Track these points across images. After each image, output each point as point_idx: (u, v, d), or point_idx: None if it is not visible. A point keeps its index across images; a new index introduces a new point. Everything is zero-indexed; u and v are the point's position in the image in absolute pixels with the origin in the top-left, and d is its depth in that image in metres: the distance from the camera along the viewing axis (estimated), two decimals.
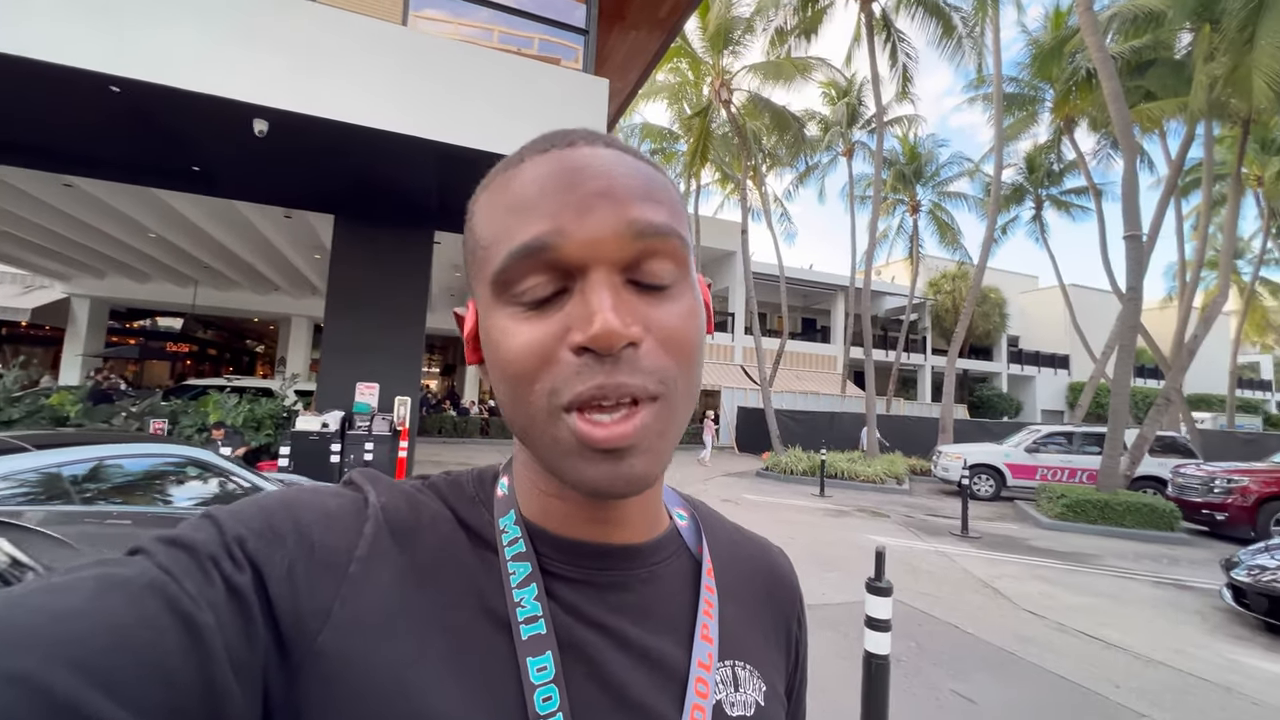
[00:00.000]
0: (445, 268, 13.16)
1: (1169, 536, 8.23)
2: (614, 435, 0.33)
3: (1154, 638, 4.41)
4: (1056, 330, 30.64)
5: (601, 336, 0.32)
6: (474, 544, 0.39)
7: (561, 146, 0.36)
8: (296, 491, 0.37)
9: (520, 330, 0.34)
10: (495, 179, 0.38)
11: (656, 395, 0.34)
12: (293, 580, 0.32)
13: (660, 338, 0.35)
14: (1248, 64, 9.03)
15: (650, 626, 0.40)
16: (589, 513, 0.40)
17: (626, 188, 0.35)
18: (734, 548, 0.50)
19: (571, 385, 0.33)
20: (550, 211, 0.34)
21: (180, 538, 0.31)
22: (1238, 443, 16.33)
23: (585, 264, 0.33)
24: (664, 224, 0.35)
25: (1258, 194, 19.57)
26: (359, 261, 7.48)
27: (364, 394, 7.29)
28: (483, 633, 0.35)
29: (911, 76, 15.13)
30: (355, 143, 5.66)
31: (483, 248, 0.36)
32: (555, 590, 0.38)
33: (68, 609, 0.25)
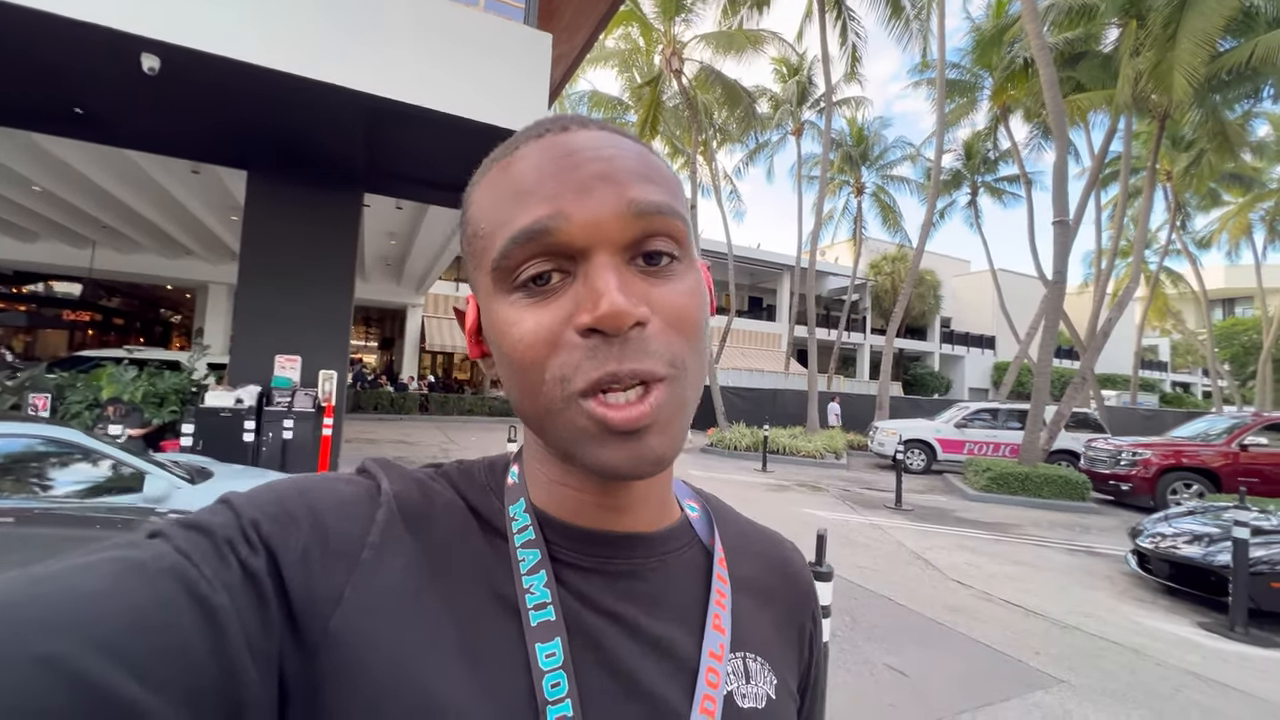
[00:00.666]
0: (379, 235, 12.38)
1: (1081, 506, 8.80)
2: (631, 416, 0.33)
3: (1068, 603, 4.64)
4: (985, 313, 32.33)
5: (609, 316, 0.32)
6: (485, 531, 0.39)
7: (555, 131, 0.37)
8: (311, 478, 0.38)
9: (525, 317, 0.34)
10: (490, 168, 0.38)
11: (666, 377, 0.34)
12: (306, 564, 0.32)
13: (666, 317, 0.35)
14: (1170, 60, 9.50)
15: (661, 615, 0.40)
16: (599, 499, 0.40)
17: (624, 168, 0.35)
18: (745, 540, 0.49)
19: (584, 370, 0.33)
20: (549, 195, 0.34)
21: (197, 521, 0.32)
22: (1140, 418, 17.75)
23: (587, 246, 0.34)
24: (664, 203, 0.35)
25: (1166, 188, 21.00)
26: (276, 222, 6.85)
27: (284, 367, 6.75)
28: (493, 619, 0.35)
29: (860, 56, 15.21)
30: (264, 88, 5.08)
31: (481, 236, 0.36)
32: (565, 578, 0.38)
33: (93, 590, 0.25)
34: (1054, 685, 3.26)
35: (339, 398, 6.92)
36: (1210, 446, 8.78)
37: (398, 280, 18.06)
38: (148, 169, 8.43)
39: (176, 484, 3.03)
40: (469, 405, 17.83)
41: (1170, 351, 39.45)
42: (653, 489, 0.42)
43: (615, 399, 0.33)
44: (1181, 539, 5.09)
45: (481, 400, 18.12)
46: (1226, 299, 40.42)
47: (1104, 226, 21.33)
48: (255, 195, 6.88)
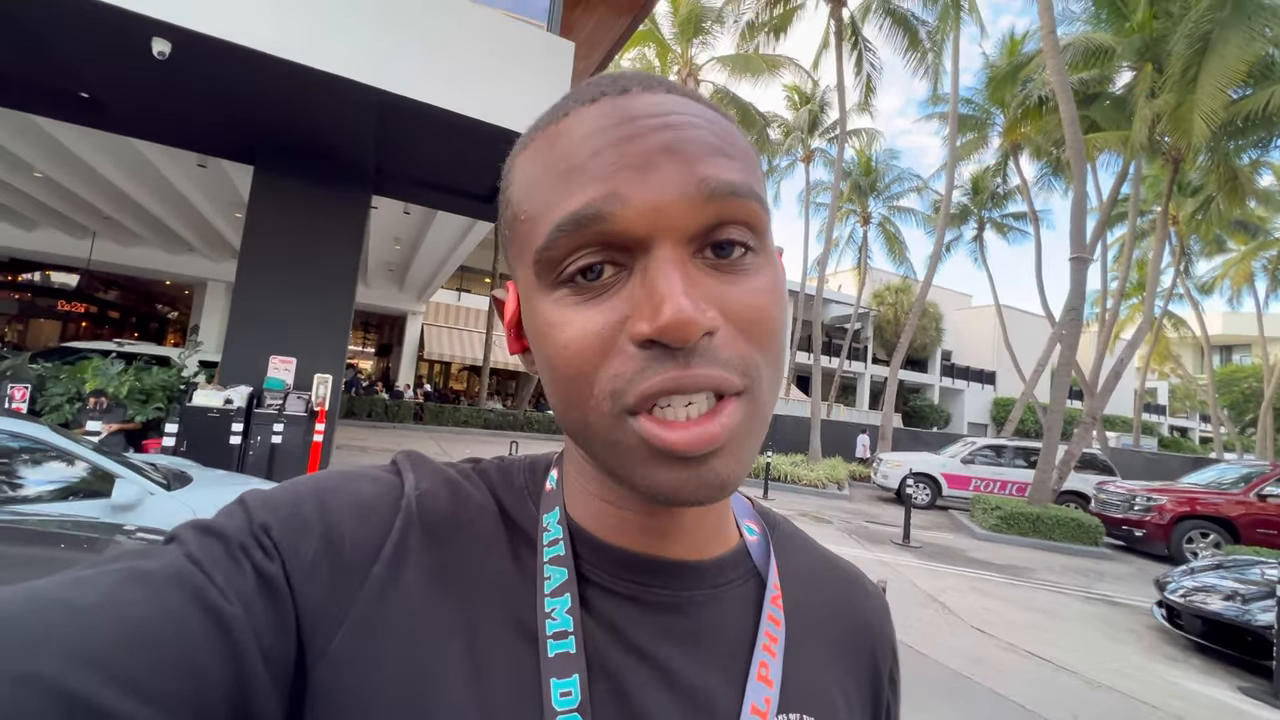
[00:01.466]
0: (384, 239, 12.21)
1: (1093, 551, 8.53)
2: (696, 439, 0.28)
3: (1097, 658, 4.36)
4: (985, 348, 32.25)
5: (673, 327, 0.27)
6: (514, 542, 0.35)
7: (614, 94, 0.31)
8: (334, 476, 0.35)
9: (572, 319, 0.30)
10: (535, 136, 0.33)
11: (741, 389, 0.29)
12: (315, 576, 0.30)
13: (739, 323, 0.30)
14: (1189, 103, 9.48)
15: (701, 659, 0.34)
16: (644, 520, 0.35)
17: (695, 139, 0.30)
18: (814, 573, 0.42)
19: (636, 383, 0.28)
20: (603, 173, 0.29)
21: (212, 525, 0.30)
22: (1144, 461, 17.53)
23: (648, 236, 0.28)
24: (741, 183, 0.30)
25: (1171, 232, 21.08)
26: (279, 220, 6.64)
27: (278, 369, 6.48)
28: (509, 645, 0.32)
29: (874, 87, 15.29)
30: (276, 79, 4.91)
31: (522, 220, 0.31)
32: (596, 603, 0.34)
33: (89, 603, 0.24)
34: None
35: (332, 403, 6.65)
36: (1226, 495, 8.54)
37: (400, 286, 17.87)
38: (153, 160, 8.25)
39: (150, 489, 2.76)
40: (464, 417, 17.50)
41: (1169, 395, 39.40)
42: (709, 512, 0.37)
43: (674, 414, 0.28)
44: (1214, 595, 4.83)
45: (477, 412, 17.79)
46: (1225, 345, 40.53)
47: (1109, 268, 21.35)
48: (260, 191, 6.68)
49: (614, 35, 8.80)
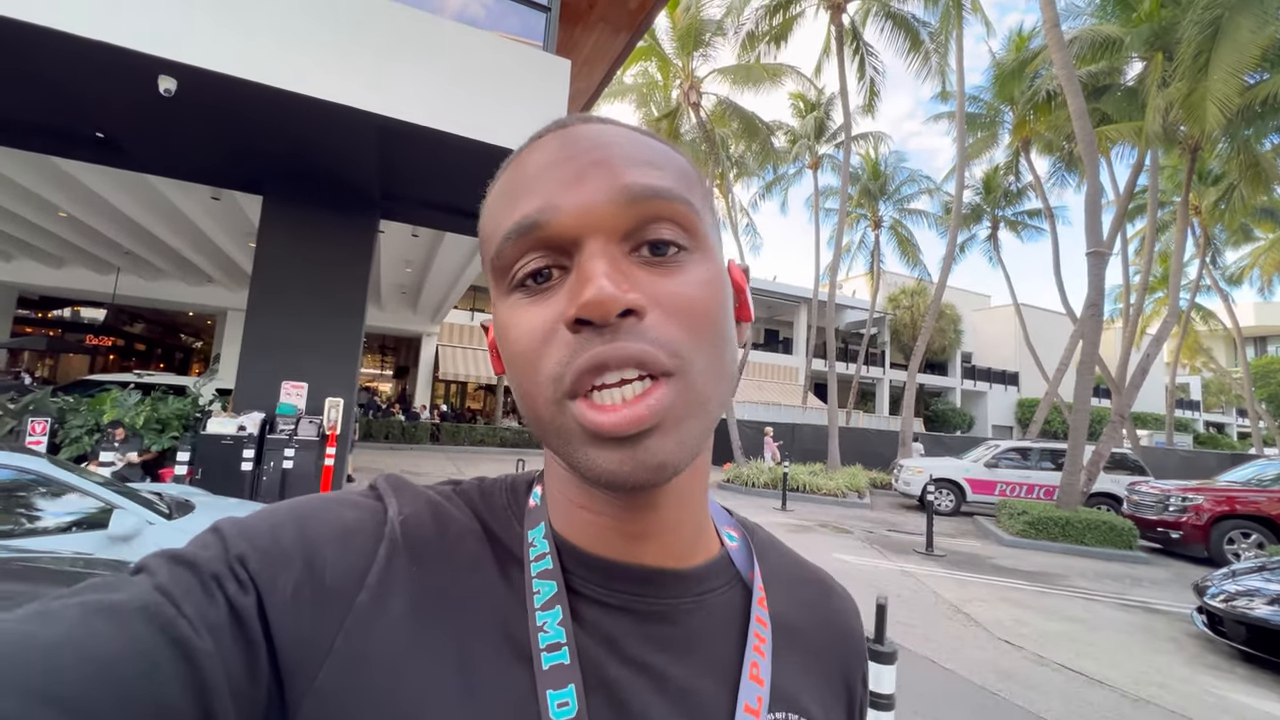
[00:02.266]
0: (395, 263, 12.39)
1: (1127, 555, 8.19)
2: (624, 419, 0.29)
3: (1135, 670, 4.15)
4: (1006, 348, 31.62)
5: (593, 303, 0.29)
6: (500, 561, 0.36)
7: (556, 129, 0.35)
8: (313, 502, 0.35)
9: (522, 318, 0.32)
10: (500, 174, 0.37)
11: (671, 370, 0.31)
12: (296, 608, 0.30)
13: (670, 309, 0.31)
14: (1201, 90, 9.25)
15: (693, 666, 0.35)
16: (619, 525, 0.36)
17: (622, 155, 0.33)
18: (791, 579, 0.44)
19: (571, 364, 0.30)
20: (542, 189, 0.32)
21: (184, 554, 0.29)
22: (1179, 459, 16.92)
23: (579, 236, 0.31)
24: (663, 186, 0.32)
25: (1193, 223, 20.54)
26: (289, 247, 6.75)
27: (290, 394, 6.55)
28: (502, 663, 0.32)
29: (878, 91, 15.22)
30: (277, 110, 5.02)
31: (484, 240, 0.35)
32: (587, 616, 0.35)
33: (51, 639, 0.23)
34: None
35: (344, 426, 6.68)
36: (1268, 492, 8.16)
37: (413, 309, 18.09)
38: (168, 194, 8.48)
39: (150, 519, 2.76)
40: (480, 435, 17.57)
41: (1202, 390, 38.17)
42: (682, 514, 0.37)
43: (608, 397, 0.30)
44: (1258, 599, 4.58)
45: (493, 431, 17.85)
46: (1258, 337, 39.23)
47: (1130, 261, 20.84)
48: (269, 220, 6.82)
49: (614, 52, 8.87)
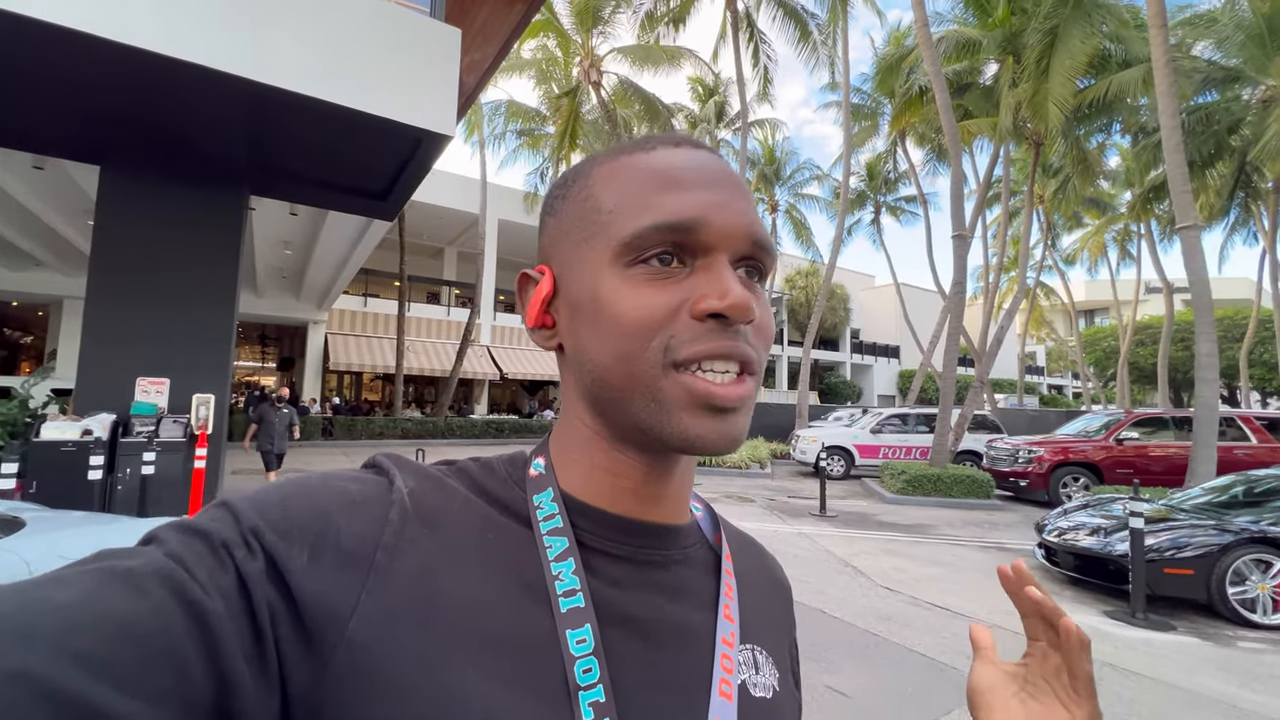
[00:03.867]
0: (272, 243, 11.31)
1: (986, 503, 9.31)
2: (732, 394, 0.36)
3: (990, 603, 4.75)
4: (889, 324, 34.48)
5: (738, 307, 0.35)
6: (509, 521, 0.39)
7: (689, 146, 0.41)
8: (317, 478, 0.37)
9: (643, 291, 0.37)
10: (621, 157, 0.41)
11: (755, 371, 0.38)
12: (316, 571, 0.31)
13: (758, 325, 0.38)
14: (1044, 90, 10.48)
15: (683, 605, 0.41)
16: (639, 488, 0.41)
17: (745, 195, 0.40)
18: (739, 543, 0.52)
19: (691, 344, 0.36)
20: (696, 197, 0.37)
21: (194, 524, 0.31)
22: (1027, 418, 19.34)
23: (716, 247, 0.37)
24: (767, 239, 0.40)
25: (1038, 210, 23.35)
26: (137, 226, 5.94)
27: (147, 391, 5.82)
28: (521, 608, 0.35)
29: (772, 78, 15.82)
30: (119, 69, 4.36)
31: (606, 212, 0.39)
32: (596, 565, 0.39)
33: (71, 601, 0.25)
34: None
35: (217, 424, 6.06)
36: (1091, 442, 9.59)
37: (297, 294, 16.65)
38: None
39: None
40: (379, 428, 16.60)
41: (1046, 357, 43.82)
42: (685, 482, 0.44)
43: (715, 377, 0.36)
44: (1081, 531, 5.38)
45: (393, 423, 16.93)
46: (1088, 310, 45.59)
47: (989, 244, 23.36)
48: (110, 194, 5.95)
49: (510, 24, 8.51)
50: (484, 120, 18.39)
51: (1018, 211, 21.83)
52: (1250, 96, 14.15)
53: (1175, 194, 7.62)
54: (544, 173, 19.04)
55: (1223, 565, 4.49)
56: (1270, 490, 5.36)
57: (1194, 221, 7.48)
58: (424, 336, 20.27)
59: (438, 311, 21.14)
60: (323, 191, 7.33)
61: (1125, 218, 24.79)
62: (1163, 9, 7.62)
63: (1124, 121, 15.49)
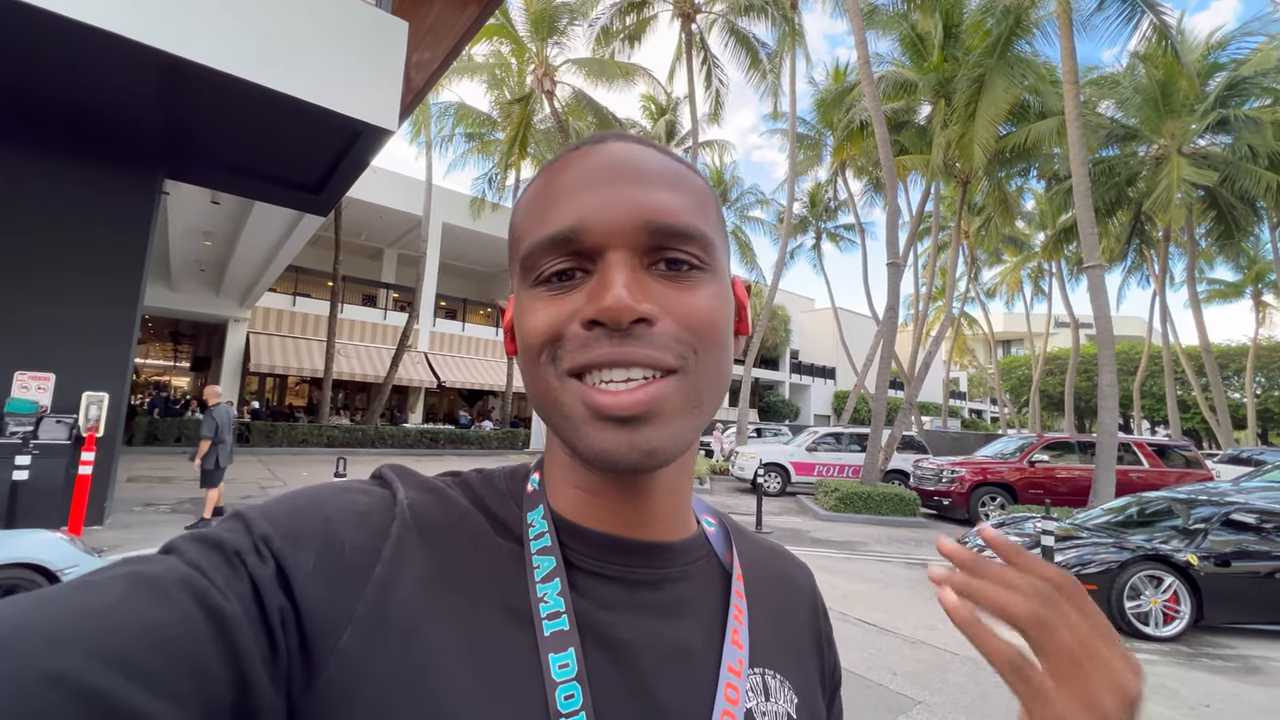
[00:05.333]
0: (190, 233, 10.53)
1: (912, 521, 9.68)
2: (624, 402, 0.33)
3: (914, 617, 4.89)
4: (827, 346, 35.80)
5: (610, 309, 0.33)
6: (502, 539, 0.39)
7: (593, 144, 0.39)
8: (324, 489, 0.37)
9: (543, 308, 0.36)
10: (537, 178, 0.40)
11: (675, 368, 0.34)
12: (318, 580, 0.32)
13: (679, 319, 0.35)
14: (970, 133, 11.23)
15: (680, 628, 0.39)
16: (615, 506, 0.40)
17: (650, 179, 0.36)
18: (760, 558, 0.49)
19: (575, 353, 0.34)
20: (576, 203, 0.35)
21: (209, 535, 0.32)
22: (950, 440, 20.43)
23: (603, 247, 0.35)
24: (681, 223, 0.36)
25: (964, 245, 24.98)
26: (23, 205, 5.36)
27: (27, 387, 5.21)
28: (506, 630, 0.35)
29: (723, 101, 16.25)
30: (9, 28, 3.92)
31: (517, 236, 0.39)
32: (584, 586, 0.38)
33: (101, 606, 0.25)
34: (913, 707, 3.28)
35: (110, 426, 5.49)
36: (1007, 464, 10.18)
37: (216, 290, 15.58)
38: None
39: None
40: (303, 435, 15.58)
41: (967, 383, 46.65)
42: (674, 498, 0.42)
43: (610, 384, 0.34)
44: None
45: (319, 429, 15.96)
46: (1006, 340, 48.98)
47: (920, 274, 24.73)
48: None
49: (461, 26, 8.32)
50: (432, 121, 17.93)
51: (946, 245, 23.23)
52: (1145, 153, 15.71)
53: (1084, 235, 8.28)
54: (492, 178, 18.71)
55: (1121, 581, 4.80)
56: (1161, 511, 5.81)
57: (1099, 262, 8.14)
58: (357, 340, 19.36)
59: (374, 314, 20.25)
60: (250, 180, 6.87)
61: (1039, 256, 26.89)
62: (1075, 68, 8.33)
63: (1040, 168, 16.84)
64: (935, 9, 12.54)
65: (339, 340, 17.42)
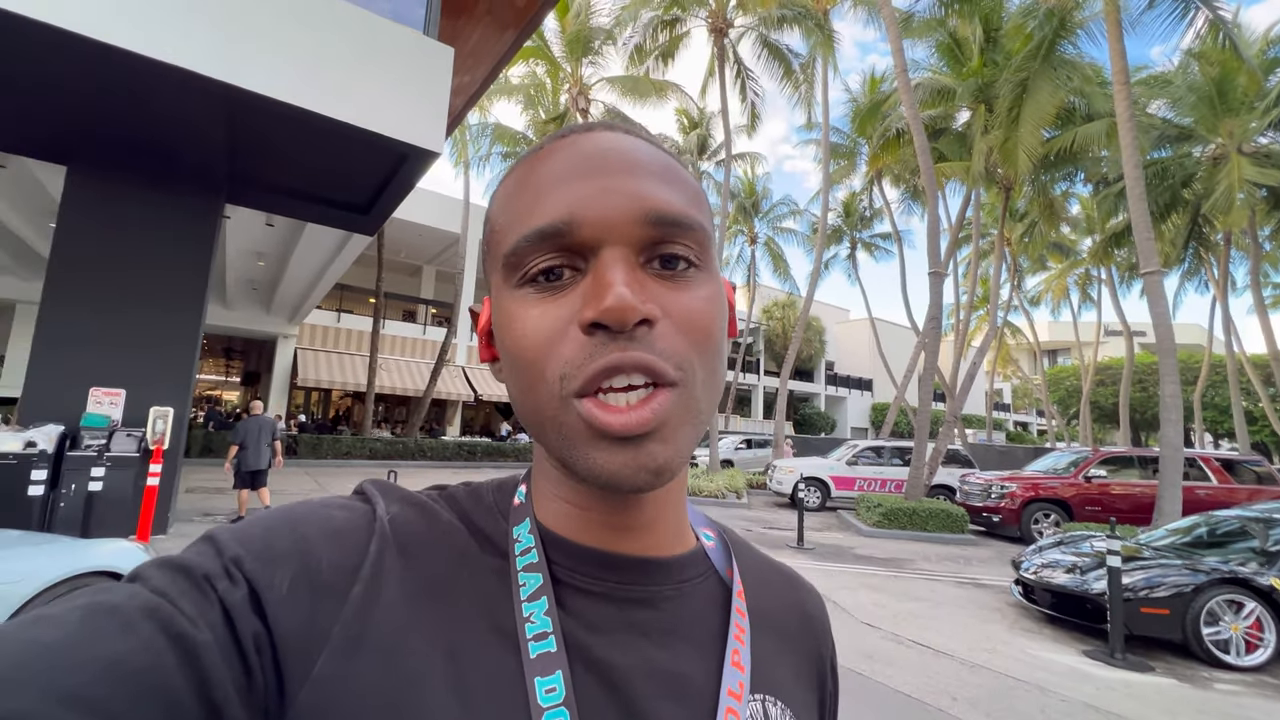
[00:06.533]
0: (245, 254, 11.02)
1: (960, 538, 9.34)
2: (632, 421, 0.31)
3: (970, 639, 4.69)
4: (863, 357, 35.10)
5: (614, 310, 0.30)
6: (487, 555, 0.37)
7: (580, 132, 0.37)
8: (302, 506, 0.36)
9: (531, 313, 0.33)
10: (516, 169, 0.38)
11: (675, 381, 0.32)
12: (293, 602, 0.30)
13: (677, 321, 0.33)
14: (1014, 138, 10.94)
15: (676, 649, 0.37)
16: (607, 519, 0.38)
17: (645, 173, 0.34)
18: (763, 576, 0.47)
19: (584, 367, 0.31)
20: (566, 195, 0.33)
21: (175, 560, 0.30)
22: (996, 453, 19.71)
23: (598, 243, 0.33)
24: (682, 213, 0.34)
25: (1005, 252, 24.23)
26: (103, 229, 5.71)
27: (101, 402, 5.51)
28: (491, 651, 0.33)
29: (759, 114, 16.24)
30: (91, 66, 4.22)
31: (496, 231, 0.36)
32: (572, 604, 0.36)
33: (57, 641, 0.24)
34: None
35: (175, 439, 5.75)
36: (1061, 479, 9.75)
37: (267, 307, 16.22)
38: None
39: None
40: (347, 448, 16.04)
41: (1012, 394, 45.01)
42: (666, 510, 0.39)
43: (615, 400, 0.31)
44: (1058, 569, 5.40)
45: (361, 442, 16.40)
46: (1052, 350, 47.15)
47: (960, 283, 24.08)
48: (76, 195, 5.71)
49: (500, 49, 8.58)
50: (469, 141, 18.44)
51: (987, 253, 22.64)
52: (1201, 153, 15.03)
53: (1139, 241, 7.95)
54: None
55: (1197, 605, 4.52)
56: (1234, 531, 5.47)
57: (1157, 267, 7.79)
58: (398, 355, 19.88)
59: (413, 330, 20.80)
60: (303, 203, 7.18)
61: (1086, 262, 25.89)
62: (1125, 68, 8.06)
63: (1087, 171, 16.28)
64: (974, 14, 12.32)
65: (381, 355, 17.92)
